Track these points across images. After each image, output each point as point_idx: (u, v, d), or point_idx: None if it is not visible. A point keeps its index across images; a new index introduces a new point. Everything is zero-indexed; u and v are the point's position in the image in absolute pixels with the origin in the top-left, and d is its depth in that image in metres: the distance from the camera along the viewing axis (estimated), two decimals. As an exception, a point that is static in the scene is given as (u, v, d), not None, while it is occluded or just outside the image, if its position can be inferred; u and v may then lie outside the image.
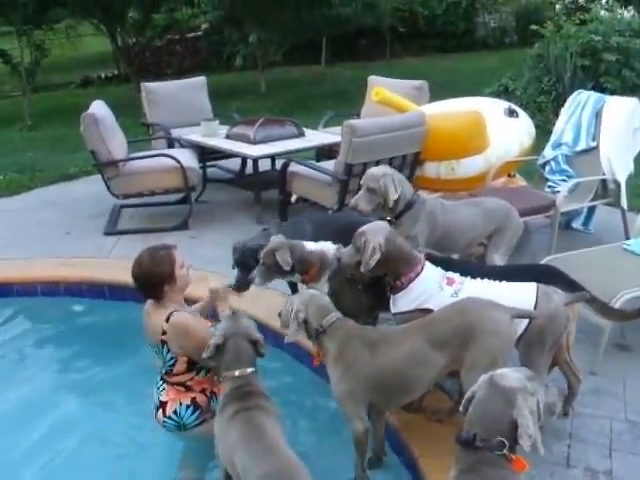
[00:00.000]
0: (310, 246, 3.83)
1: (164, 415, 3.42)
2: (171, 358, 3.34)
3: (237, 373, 3.04)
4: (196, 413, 3.40)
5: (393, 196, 4.10)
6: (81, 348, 4.87)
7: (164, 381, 3.47)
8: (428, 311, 3.31)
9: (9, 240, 6.54)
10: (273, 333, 4.23)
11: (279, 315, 3.32)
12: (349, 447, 3.21)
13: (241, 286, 4.15)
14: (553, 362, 3.46)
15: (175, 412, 3.40)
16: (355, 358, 3.09)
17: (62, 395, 4.26)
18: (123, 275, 3.40)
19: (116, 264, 5.61)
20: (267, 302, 4.65)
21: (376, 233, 3.37)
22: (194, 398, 3.42)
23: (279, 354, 4.33)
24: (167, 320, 3.28)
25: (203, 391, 3.45)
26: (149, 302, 3.45)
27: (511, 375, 2.35)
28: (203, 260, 5.63)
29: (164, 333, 3.28)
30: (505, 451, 2.27)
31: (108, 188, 6.72)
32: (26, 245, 6.38)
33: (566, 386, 3.60)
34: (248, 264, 4.08)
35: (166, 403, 3.43)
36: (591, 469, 3.25)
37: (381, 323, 4.00)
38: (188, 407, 3.40)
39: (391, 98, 6.46)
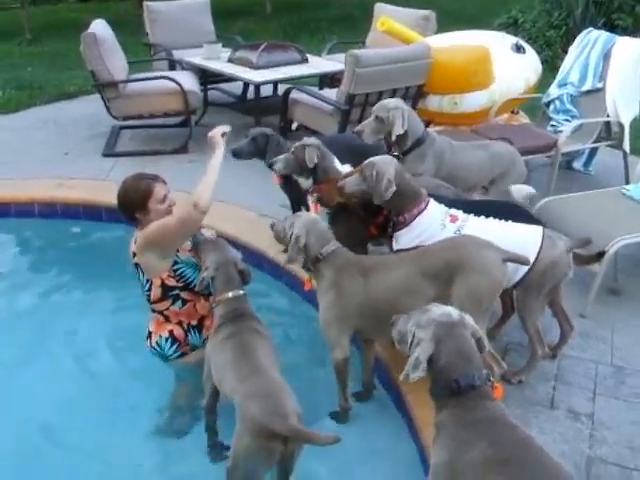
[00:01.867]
0: (337, 163, 3.86)
1: (150, 344, 3.52)
2: (147, 282, 3.40)
3: (230, 295, 3.13)
4: (174, 346, 3.47)
5: (398, 130, 4.05)
6: (77, 270, 4.90)
7: (151, 310, 3.54)
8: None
9: (7, 159, 6.50)
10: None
11: (271, 226, 3.35)
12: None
13: (240, 153, 4.39)
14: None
15: (157, 343, 3.48)
16: (349, 285, 3.11)
17: (57, 315, 4.29)
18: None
19: (113, 187, 5.49)
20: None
21: (387, 165, 3.35)
22: (171, 331, 3.47)
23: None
24: (135, 242, 3.36)
25: (180, 323, 3.48)
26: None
27: (448, 309, 2.33)
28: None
29: (134, 255, 3.36)
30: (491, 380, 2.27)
31: (108, 109, 6.65)
32: (24, 165, 6.34)
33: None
34: (258, 140, 4.36)
35: (152, 333, 3.53)
36: (574, 411, 3.32)
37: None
38: (167, 340, 3.47)
39: (397, 29, 6.33)
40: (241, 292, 3.18)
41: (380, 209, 3.61)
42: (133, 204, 3.34)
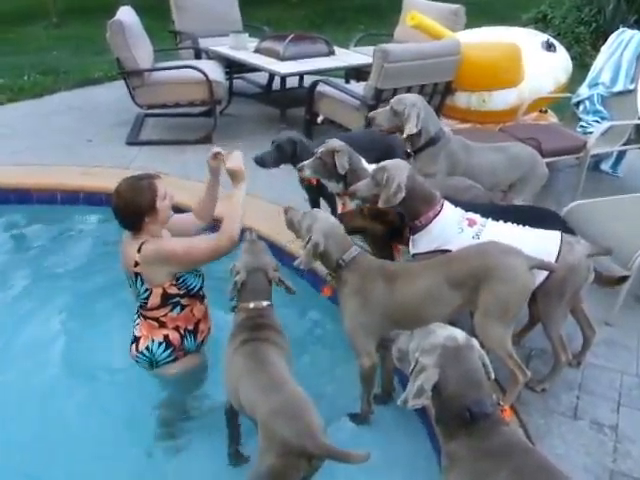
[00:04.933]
0: (365, 163, 3.79)
1: (137, 350, 3.37)
2: (146, 290, 3.23)
3: (252, 305, 3.05)
4: (168, 350, 3.36)
5: (411, 129, 3.99)
6: (97, 258, 4.86)
7: (139, 315, 3.40)
8: (448, 253, 3.27)
9: (30, 144, 6.49)
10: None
11: (286, 211, 3.31)
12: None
13: (265, 161, 4.25)
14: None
15: (147, 348, 3.35)
16: (374, 292, 3.06)
17: (76, 301, 4.30)
18: None
19: (137, 175, 5.55)
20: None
21: (399, 170, 3.29)
22: (167, 335, 3.35)
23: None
24: (139, 251, 3.14)
25: (177, 328, 3.38)
26: (126, 233, 3.26)
27: (453, 332, 2.21)
28: (223, 175, 5.57)
29: (136, 265, 3.15)
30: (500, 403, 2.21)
31: (132, 98, 6.62)
32: (47, 151, 6.33)
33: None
34: (284, 148, 4.24)
35: (140, 338, 3.38)
36: (597, 422, 3.26)
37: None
38: (160, 344, 3.35)
39: (427, 24, 6.26)
40: (264, 304, 3.07)
41: (404, 228, 3.55)
42: (142, 208, 3.12)
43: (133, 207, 3.11)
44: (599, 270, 3.47)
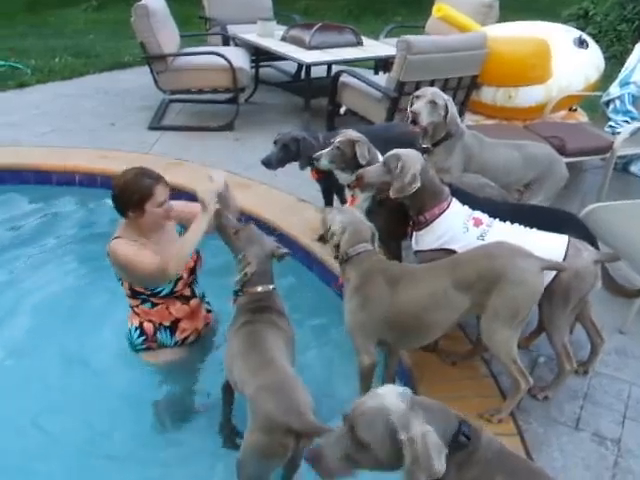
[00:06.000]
0: (381, 157, 3.66)
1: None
2: (119, 279, 3.29)
3: (260, 289, 3.00)
4: (141, 338, 3.37)
5: (455, 120, 3.92)
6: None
7: None
8: (452, 252, 3.16)
9: (55, 126, 6.52)
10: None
11: (321, 211, 3.25)
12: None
13: (271, 162, 4.18)
14: (576, 319, 3.33)
15: (129, 330, 3.41)
16: (374, 293, 2.97)
17: (91, 284, 4.26)
18: (160, 173, 3.22)
19: (155, 160, 5.51)
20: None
21: (413, 159, 3.18)
22: (141, 323, 3.38)
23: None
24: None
25: (150, 321, 3.38)
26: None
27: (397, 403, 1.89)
28: (243, 165, 5.56)
29: (108, 254, 3.18)
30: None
31: (156, 82, 6.61)
32: (70, 133, 6.35)
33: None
34: (290, 146, 4.16)
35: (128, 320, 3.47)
36: (600, 435, 3.13)
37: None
38: (136, 329, 3.38)
39: (453, 16, 6.12)
40: (271, 287, 3.04)
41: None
42: (129, 202, 3.09)
43: (123, 197, 3.11)
44: (618, 281, 3.36)
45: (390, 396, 1.86)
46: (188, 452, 3.10)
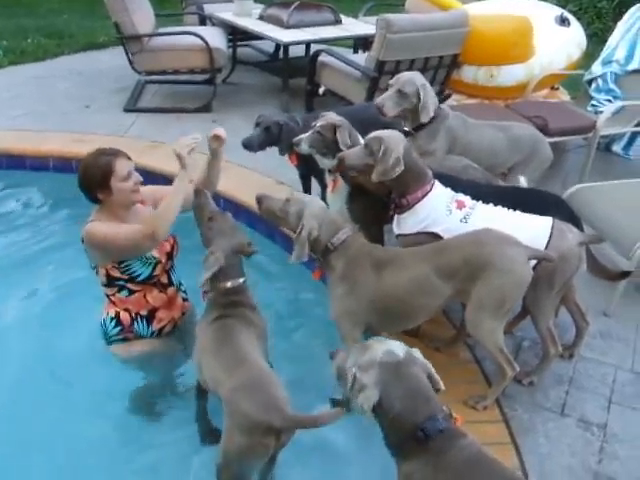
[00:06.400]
0: (360, 138, 3.58)
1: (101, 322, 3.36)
2: (94, 267, 3.20)
3: (229, 284, 2.90)
4: (117, 328, 3.28)
5: (428, 115, 3.82)
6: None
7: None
8: (434, 235, 3.09)
9: (27, 110, 6.37)
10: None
11: (260, 201, 3.06)
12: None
13: (252, 144, 4.10)
14: (560, 302, 3.29)
15: (103, 321, 3.31)
16: (361, 278, 2.90)
17: (65, 269, 4.15)
18: (136, 156, 3.12)
19: (131, 143, 5.42)
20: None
21: (396, 141, 3.08)
22: (118, 313, 3.29)
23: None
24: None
25: (127, 310, 3.30)
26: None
27: (392, 346, 2.06)
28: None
29: (82, 241, 3.09)
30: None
31: (131, 63, 6.46)
32: (44, 116, 6.21)
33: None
34: (272, 130, 4.08)
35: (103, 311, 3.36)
36: (585, 420, 3.09)
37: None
38: (112, 319, 3.28)
39: (433, -7, 6.03)
40: (241, 280, 2.94)
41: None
42: (93, 183, 3.02)
43: (86, 180, 3.06)
44: (602, 262, 3.30)
45: None
46: (163, 448, 3.02)
